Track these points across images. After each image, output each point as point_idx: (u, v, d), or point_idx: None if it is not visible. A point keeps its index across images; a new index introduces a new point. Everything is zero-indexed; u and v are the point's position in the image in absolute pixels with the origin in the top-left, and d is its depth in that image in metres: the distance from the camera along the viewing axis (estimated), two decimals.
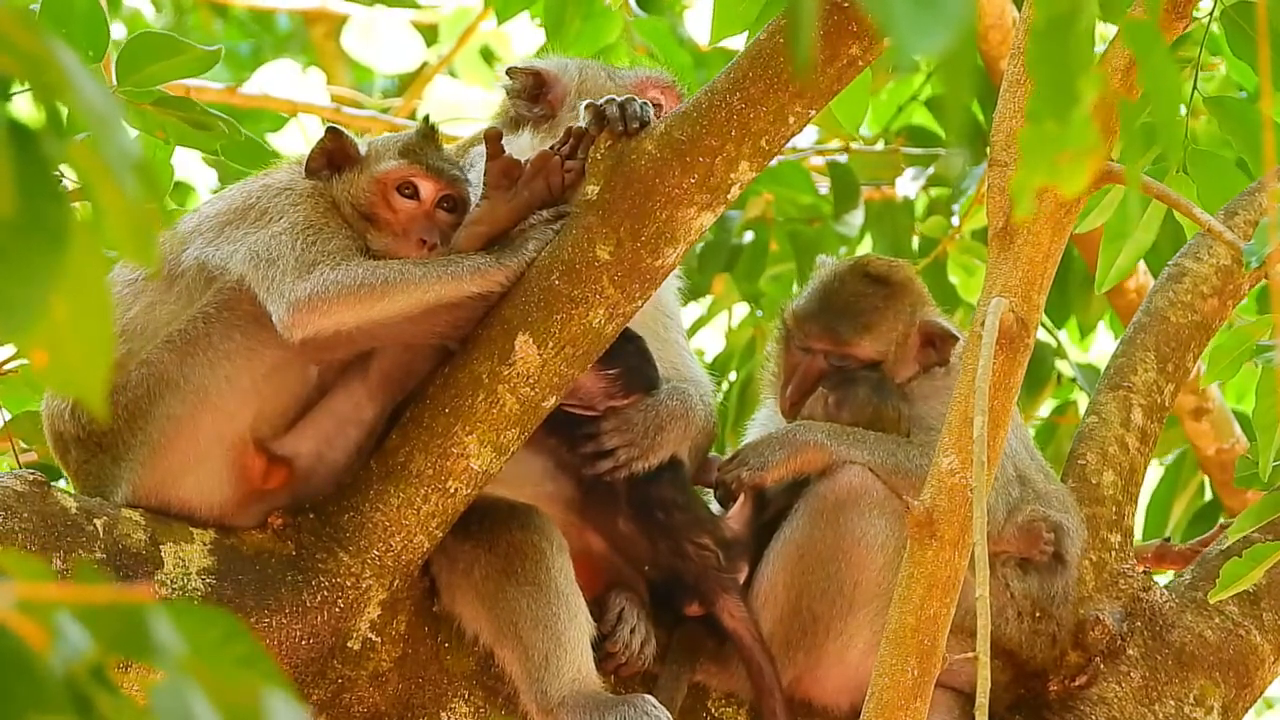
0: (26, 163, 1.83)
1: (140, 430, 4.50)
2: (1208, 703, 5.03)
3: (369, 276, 4.43)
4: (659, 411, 4.82)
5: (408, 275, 4.44)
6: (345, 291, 4.41)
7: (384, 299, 4.42)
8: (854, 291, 5.10)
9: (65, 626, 1.84)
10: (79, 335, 1.81)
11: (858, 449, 4.86)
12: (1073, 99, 2.26)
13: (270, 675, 1.88)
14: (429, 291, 4.45)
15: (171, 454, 4.50)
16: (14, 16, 1.82)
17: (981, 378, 3.80)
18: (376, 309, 4.43)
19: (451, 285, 4.46)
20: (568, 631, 4.58)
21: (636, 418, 4.80)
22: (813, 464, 4.89)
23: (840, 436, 4.88)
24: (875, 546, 4.82)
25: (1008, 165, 4.03)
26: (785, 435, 4.92)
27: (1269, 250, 4.07)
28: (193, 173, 7.95)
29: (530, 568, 4.61)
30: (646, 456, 4.80)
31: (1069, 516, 4.97)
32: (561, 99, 5.02)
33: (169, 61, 4.82)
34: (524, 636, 4.58)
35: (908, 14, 2.05)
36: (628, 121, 4.47)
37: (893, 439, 4.90)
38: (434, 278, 4.45)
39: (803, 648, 4.86)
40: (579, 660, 4.58)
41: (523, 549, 4.63)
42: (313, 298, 4.40)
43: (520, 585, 4.60)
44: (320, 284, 4.41)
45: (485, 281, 4.49)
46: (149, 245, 1.83)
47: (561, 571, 4.63)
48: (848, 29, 4.31)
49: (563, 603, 4.60)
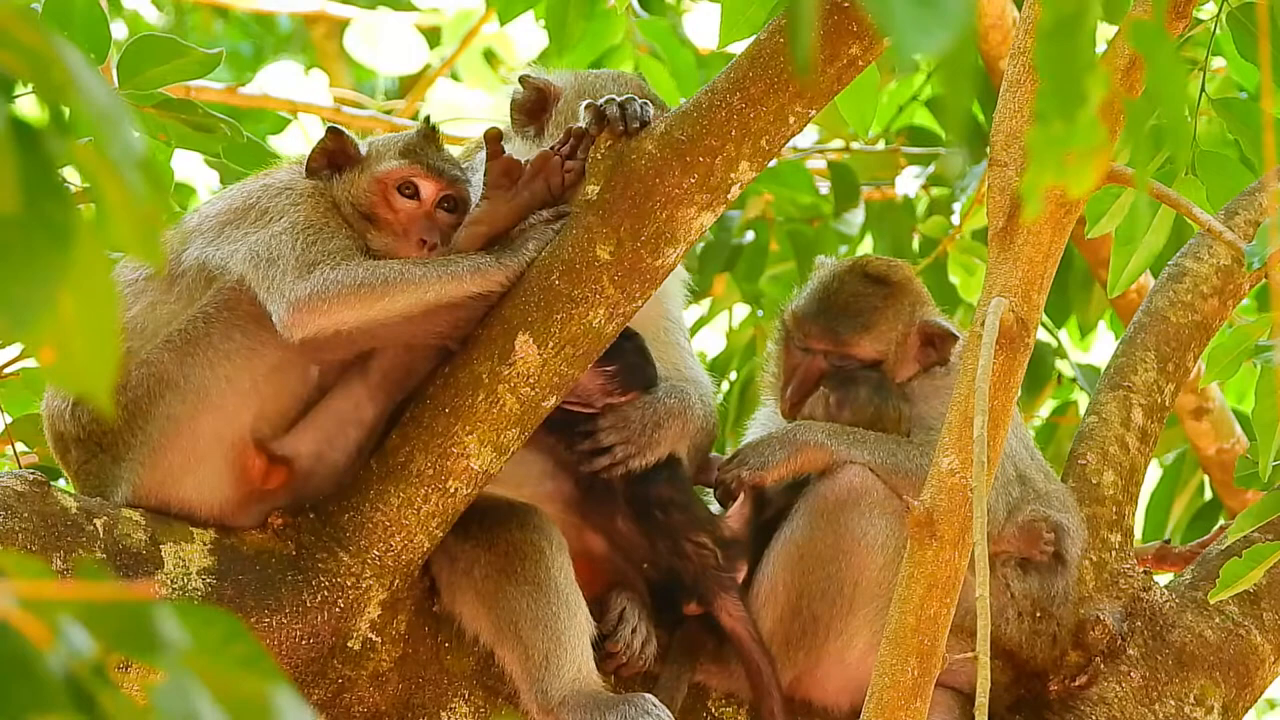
0: (31, 161, 1.83)
1: (140, 430, 4.50)
2: (1208, 703, 5.03)
3: (369, 276, 4.43)
4: (656, 409, 4.82)
5: (408, 275, 4.44)
6: (345, 291, 4.41)
7: (384, 299, 4.43)
8: (853, 291, 5.10)
9: (67, 625, 1.84)
10: (86, 333, 1.81)
11: (858, 449, 4.86)
12: (1080, 99, 2.26)
13: (271, 675, 1.88)
14: (429, 291, 4.45)
15: (172, 454, 4.50)
16: (17, 15, 1.82)
17: (981, 378, 3.80)
18: (377, 309, 4.43)
19: (452, 285, 4.46)
20: (568, 631, 4.58)
21: (633, 415, 4.80)
22: (813, 464, 4.89)
23: (841, 436, 4.88)
24: (875, 546, 4.82)
25: (1008, 165, 4.03)
26: (786, 435, 4.92)
27: (1270, 251, 4.07)
28: (193, 174, 7.95)
29: (530, 567, 4.61)
30: (643, 454, 4.80)
31: (1069, 516, 4.97)
32: (552, 118, 5.01)
33: (171, 64, 4.81)
34: (524, 636, 4.58)
35: (907, 14, 2.05)
36: (628, 121, 4.47)
37: (893, 439, 4.90)
38: (434, 277, 4.45)
39: (802, 647, 4.86)
40: (579, 659, 4.58)
41: (522, 548, 4.63)
42: (313, 297, 4.41)
43: (520, 585, 4.60)
44: (320, 284, 4.41)
45: (485, 281, 4.49)
46: (154, 243, 1.83)
47: (561, 570, 4.63)
48: (848, 29, 4.31)
49: (562, 602, 4.60)
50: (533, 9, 6.91)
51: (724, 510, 4.96)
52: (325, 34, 10.59)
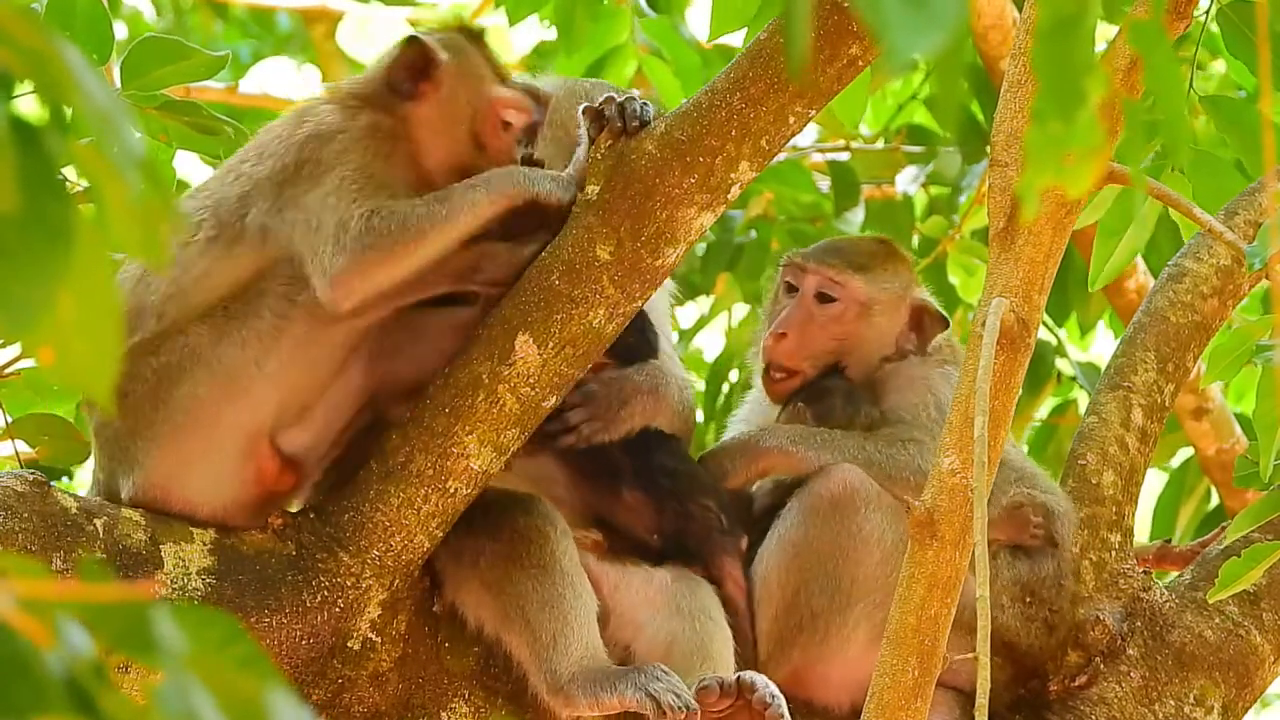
0: (30, 160, 1.83)
1: (163, 406, 4.46)
2: (1208, 703, 5.03)
3: (400, 227, 4.34)
4: (623, 386, 4.82)
5: (434, 214, 4.37)
6: (382, 252, 4.33)
7: (420, 247, 4.37)
8: (859, 240, 5.33)
9: (67, 625, 1.84)
10: (86, 333, 1.81)
11: (824, 450, 4.89)
12: (1078, 99, 2.26)
13: (270, 676, 1.88)
14: (457, 225, 4.40)
15: (188, 436, 4.46)
16: (17, 14, 1.82)
17: (982, 378, 3.80)
18: (415, 257, 4.38)
19: (472, 213, 4.42)
20: (574, 611, 4.57)
21: (599, 391, 4.79)
22: (776, 468, 4.95)
23: (805, 440, 4.92)
24: (872, 542, 4.83)
25: (1009, 165, 4.03)
26: (745, 442, 4.98)
27: (1271, 252, 4.07)
28: (193, 173, 7.95)
29: (535, 551, 4.60)
30: (609, 429, 4.79)
31: (1056, 498, 4.98)
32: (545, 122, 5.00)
33: (174, 66, 4.80)
34: (531, 619, 4.56)
35: (899, 15, 2.05)
36: (627, 120, 4.46)
37: (857, 435, 4.93)
38: (458, 209, 4.40)
39: (799, 645, 4.87)
40: (587, 638, 4.57)
41: (527, 534, 4.62)
42: (351, 268, 4.33)
43: (526, 569, 4.59)
44: (357, 250, 4.33)
45: (502, 199, 4.45)
46: (156, 243, 1.83)
47: (566, 553, 4.62)
48: (848, 29, 4.31)
49: (568, 583, 4.59)
50: (540, 9, 6.91)
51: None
52: (325, 34, 10.59)
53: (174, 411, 4.46)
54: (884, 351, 5.11)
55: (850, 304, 5.10)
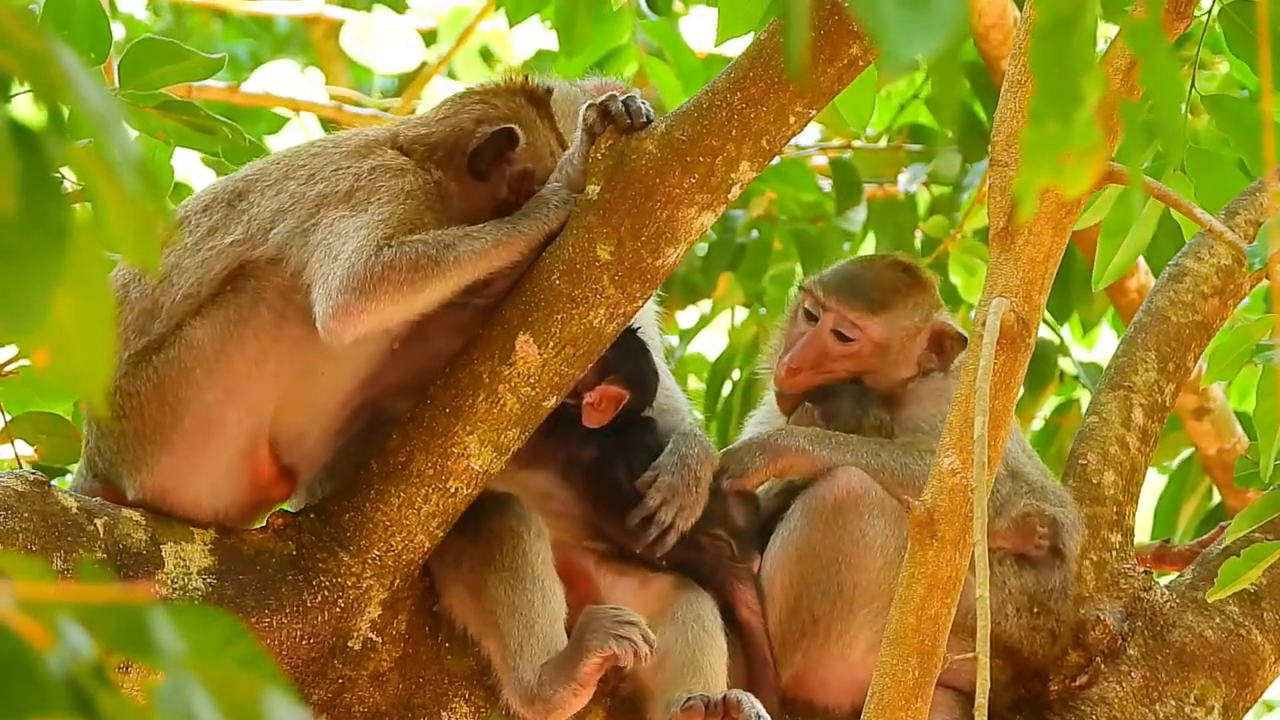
0: (28, 162, 1.83)
1: (168, 402, 4.45)
2: (1208, 703, 5.03)
3: (412, 265, 4.34)
4: (689, 465, 4.81)
5: (444, 258, 4.37)
6: (390, 287, 4.32)
7: (434, 280, 4.37)
8: (881, 270, 5.16)
9: (67, 626, 1.84)
10: (81, 335, 1.81)
11: (840, 452, 4.88)
12: (1076, 99, 2.26)
13: (270, 676, 1.88)
14: (465, 272, 4.40)
15: (189, 427, 4.46)
16: (14, 15, 1.82)
17: (982, 378, 3.80)
18: (423, 296, 4.38)
19: (483, 260, 4.43)
20: (541, 619, 4.56)
21: (675, 480, 4.79)
22: (794, 468, 4.93)
23: (822, 441, 4.91)
24: (875, 547, 4.83)
25: (1009, 165, 4.03)
26: (765, 441, 4.95)
27: (1272, 252, 4.07)
28: (192, 173, 7.94)
29: (508, 553, 4.60)
30: (693, 510, 4.80)
31: (1065, 511, 4.97)
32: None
33: (172, 66, 4.80)
34: (501, 625, 4.56)
35: (897, 17, 2.05)
36: (633, 116, 4.46)
37: (874, 440, 4.92)
38: (468, 254, 4.40)
39: (801, 648, 4.86)
40: (551, 647, 4.56)
41: (500, 534, 4.62)
42: (354, 301, 4.31)
43: (499, 572, 4.58)
44: (364, 284, 4.32)
45: (510, 252, 4.46)
46: (151, 245, 1.83)
47: (539, 556, 4.62)
48: (848, 29, 4.31)
49: (538, 588, 4.58)
50: (541, 10, 6.91)
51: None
52: (324, 34, 10.59)
53: (179, 413, 4.46)
54: (904, 374, 5.10)
55: (867, 343, 5.08)
